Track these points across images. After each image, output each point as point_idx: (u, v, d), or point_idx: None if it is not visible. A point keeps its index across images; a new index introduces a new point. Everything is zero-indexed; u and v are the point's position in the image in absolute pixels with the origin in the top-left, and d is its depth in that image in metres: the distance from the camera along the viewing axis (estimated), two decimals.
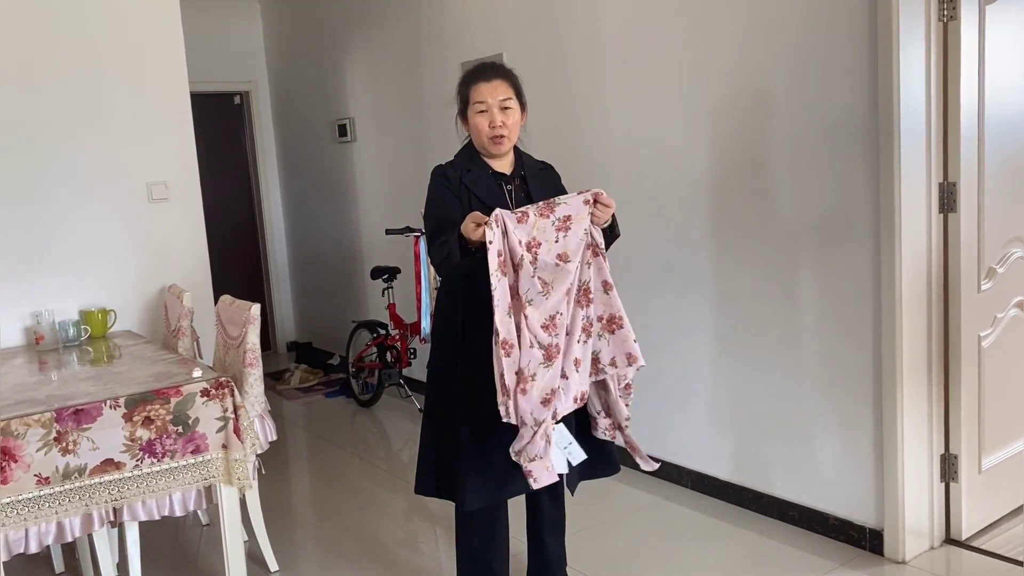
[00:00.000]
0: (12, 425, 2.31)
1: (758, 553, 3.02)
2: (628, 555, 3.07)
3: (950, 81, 2.74)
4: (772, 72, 3.01)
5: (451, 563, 2.93)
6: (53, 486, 2.36)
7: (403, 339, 5.10)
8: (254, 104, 6.73)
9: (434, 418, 2.47)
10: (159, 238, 4.04)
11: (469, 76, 2.39)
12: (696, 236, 3.39)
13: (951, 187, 2.79)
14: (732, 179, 3.22)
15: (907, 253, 2.73)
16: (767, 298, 3.16)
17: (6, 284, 3.68)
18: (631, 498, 3.55)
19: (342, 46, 5.72)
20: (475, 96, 2.34)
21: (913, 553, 2.88)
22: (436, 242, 2.29)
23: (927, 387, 2.86)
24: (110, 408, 2.43)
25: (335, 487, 3.97)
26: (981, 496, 2.99)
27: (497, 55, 4.17)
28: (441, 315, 2.47)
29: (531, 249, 2.13)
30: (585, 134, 3.80)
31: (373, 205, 5.68)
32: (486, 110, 2.34)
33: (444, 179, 2.38)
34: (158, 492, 2.52)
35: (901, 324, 2.75)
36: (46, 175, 3.76)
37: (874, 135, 2.73)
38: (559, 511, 2.65)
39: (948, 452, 2.93)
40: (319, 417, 5.20)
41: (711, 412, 3.45)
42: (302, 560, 3.23)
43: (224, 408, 2.59)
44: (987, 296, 2.95)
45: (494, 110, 2.33)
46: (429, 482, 2.47)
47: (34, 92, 3.71)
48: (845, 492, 3.00)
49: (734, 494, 3.40)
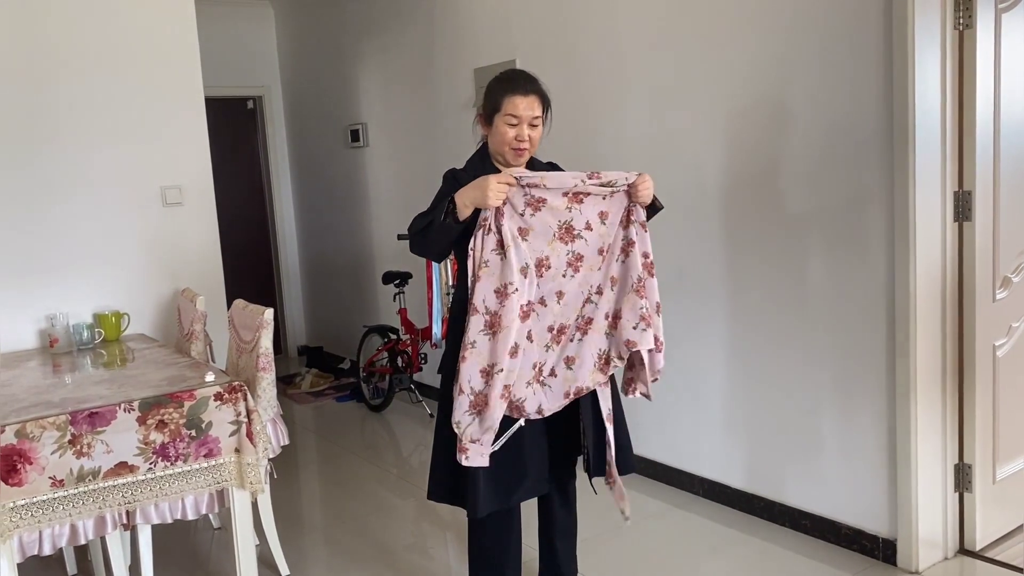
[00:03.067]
0: (27, 427, 2.32)
1: (770, 562, 3.00)
2: (639, 562, 3.06)
3: (966, 89, 2.73)
4: (787, 79, 3.01)
5: (461, 568, 2.92)
6: (67, 488, 2.37)
7: (414, 344, 5.11)
8: (267, 109, 6.76)
9: (447, 424, 2.47)
10: (173, 242, 4.06)
11: (505, 85, 2.37)
12: (710, 243, 3.39)
13: (966, 196, 2.77)
14: (746, 186, 3.22)
15: (922, 262, 2.71)
16: (780, 306, 3.15)
17: (21, 287, 3.70)
18: (643, 505, 3.54)
19: (355, 51, 5.74)
20: (508, 107, 2.33)
21: (927, 563, 2.86)
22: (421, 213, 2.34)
23: (941, 397, 2.84)
24: (124, 411, 2.44)
25: (346, 492, 3.98)
26: (995, 506, 2.97)
27: (511, 61, 4.17)
28: (455, 320, 2.47)
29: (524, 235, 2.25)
30: (600, 140, 3.80)
31: (385, 210, 5.69)
32: (517, 124, 2.34)
33: (455, 182, 2.38)
34: (171, 495, 2.53)
35: (915, 333, 2.73)
36: (60, 179, 3.78)
37: (889, 143, 2.72)
38: (571, 517, 2.65)
39: (962, 462, 2.91)
40: (330, 422, 5.21)
41: (724, 420, 3.44)
42: (313, 564, 3.23)
43: (237, 412, 2.60)
44: (1002, 305, 2.93)
45: (524, 125, 2.34)
46: (441, 488, 2.47)
47: (50, 97, 3.74)
48: (858, 501, 2.99)
49: (746, 502, 3.38)
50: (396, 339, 5.16)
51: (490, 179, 2.19)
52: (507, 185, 2.21)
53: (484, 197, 2.18)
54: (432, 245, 2.34)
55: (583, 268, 2.31)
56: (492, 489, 2.34)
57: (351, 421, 5.17)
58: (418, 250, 2.41)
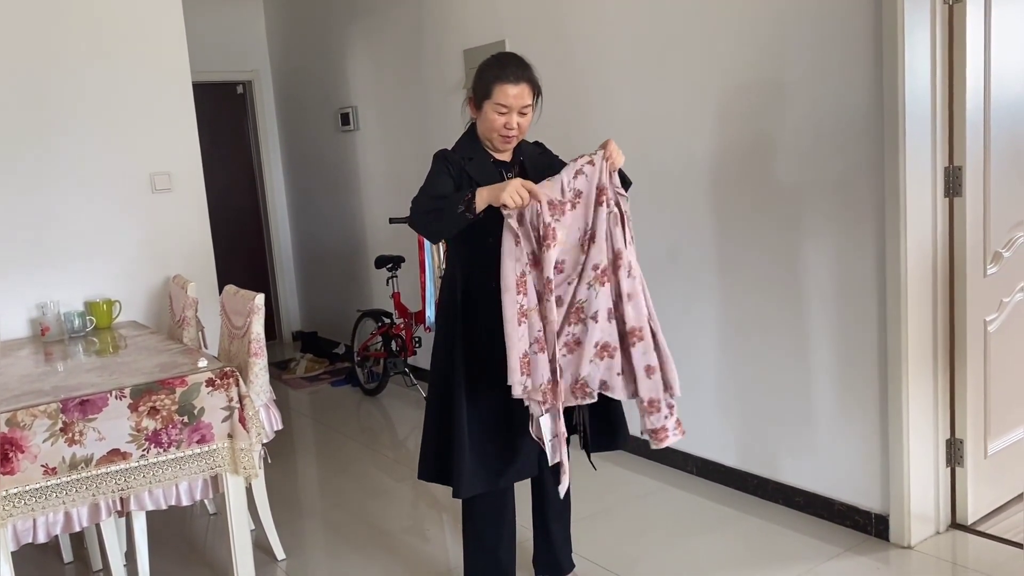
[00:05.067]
0: (18, 416, 2.32)
1: (763, 539, 3.02)
2: (633, 541, 3.08)
3: (956, 64, 2.71)
4: (778, 56, 2.99)
5: (458, 550, 2.94)
6: (60, 476, 2.37)
7: (408, 328, 5.10)
8: (257, 93, 6.72)
9: (436, 404, 2.47)
10: (163, 229, 4.04)
11: (496, 70, 2.33)
12: (701, 223, 3.38)
13: (957, 171, 2.77)
14: (737, 164, 3.21)
15: (913, 238, 2.71)
16: (773, 284, 3.15)
17: (11, 275, 3.69)
18: (636, 484, 3.55)
19: (344, 34, 5.70)
20: (498, 96, 2.30)
21: (919, 538, 2.88)
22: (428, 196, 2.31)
23: (933, 372, 2.85)
24: (116, 398, 2.44)
25: (341, 476, 3.99)
26: (987, 481, 2.99)
27: (499, 42, 4.15)
28: (444, 303, 2.47)
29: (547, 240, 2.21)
30: (590, 122, 3.78)
31: (376, 194, 5.67)
32: (506, 112, 2.32)
33: (446, 163, 2.38)
34: (165, 482, 2.54)
35: (907, 309, 2.73)
36: (49, 166, 3.76)
37: (879, 119, 2.72)
38: (565, 498, 2.65)
39: (954, 437, 2.93)
40: (325, 406, 5.22)
41: (716, 399, 3.45)
42: (309, 548, 3.25)
43: (229, 398, 2.60)
44: (993, 280, 2.94)
45: (513, 114, 2.32)
46: (429, 466, 2.48)
47: (37, 83, 3.71)
48: (851, 478, 3.00)
49: (739, 480, 3.40)
50: (390, 323, 5.16)
51: (514, 182, 2.17)
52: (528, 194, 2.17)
53: (497, 197, 2.16)
54: (439, 229, 2.33)
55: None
56: (479, 470, 2.35)
57: (346, 405, 5.18)
58: (422, 230, 2.40)
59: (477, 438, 2.34)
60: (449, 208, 2.23)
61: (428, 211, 2.30)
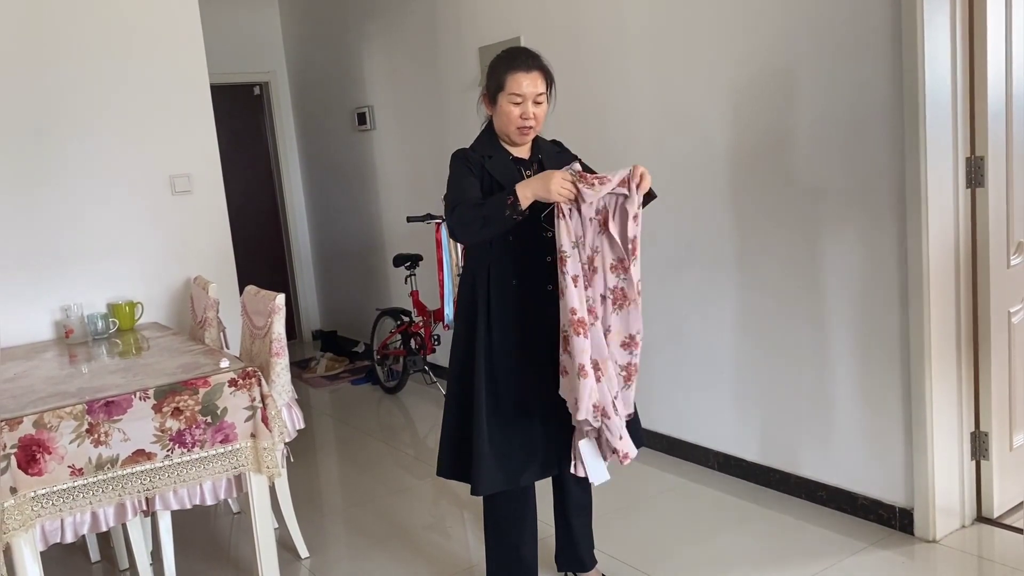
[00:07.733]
0: (45, 418, 2.34)
1: (786, 534, 3.01)
2: (655, 537, 3.07)
3: (976, 53, 2.68)
4: (796, 47, 2.97)
5: (479, 547, 2.94)
6: (86, 477, 2.40)
7: (427, 326, 5.12)
8: (274, 94, 6.76)
9: (455, 401, 2.48)
10: (183, 230, 4.07)
11: (507, 62, 2.34)
12: (720, 215, 3.37)
13: (978, 161, 2.74)
14: (755, 156, 3.19)
15: (934, 229, 2.69)
16: (792, 277, 3.13)
17: (35, 279, 3.73)
18: (657, 480, 3.55)
19: (359, 34, 5.72)
20: (512, 86, 2.31)
21: (944, 532, 2.86)
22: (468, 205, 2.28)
23: (956, 365, 2.82)
24: (140, 399, 2.46)
25: (363, 473, 4.01)
26: (1013, 474, 2.96)
27: (515, 39, 4.15)
28: (463, 301, 2.47)
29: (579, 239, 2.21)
30: (607, 116, 3.78)
31: (394, 192, 5.69)
32: (521, 102, 2.31)
33: (466, 162, 2.37)
34: (189, 481, 2.55)
35: (929, 301, 2.71)
36: (69, 170, 3.79)
37: (899, 109, 2.69)
38: (586, 494, 2.65)
39: (978, 430, 2.90)
40: (345, 405, 5.24)
41: (736, 393, 3.43)
42: (332, 546, 3.27)
43: (252, 397, 2.61)
44: (1017, 271, 2.90)
45: (528, 103, 2.32)
46: (448, 463, 2.49)
47: (56, 86, 3.74)
48: (874, 472, 2.98)
49: (761, 475, 3.38)
50: (409, 321, 5.17)
51: (555, 174, 2.17)
52: (571, 184, 2.17)
53: (547, 190, 2.16)
54: (487, 235, 2.30)
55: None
56: (497, 469, 2.35)
57: (367, 403, 5.20)
58: (468, 239, 2.38)
59: (497, 436, 2.34)
60: (494, 214, 2.20)
61: (473, 220, 2.25)
